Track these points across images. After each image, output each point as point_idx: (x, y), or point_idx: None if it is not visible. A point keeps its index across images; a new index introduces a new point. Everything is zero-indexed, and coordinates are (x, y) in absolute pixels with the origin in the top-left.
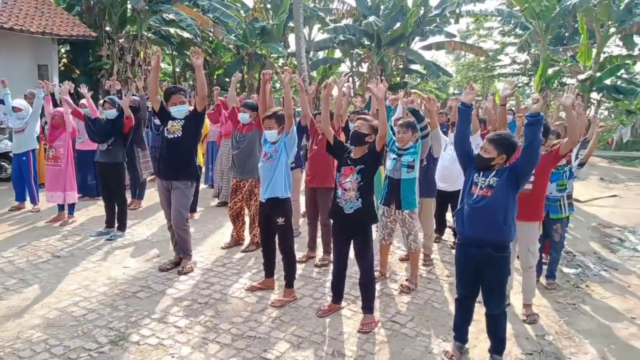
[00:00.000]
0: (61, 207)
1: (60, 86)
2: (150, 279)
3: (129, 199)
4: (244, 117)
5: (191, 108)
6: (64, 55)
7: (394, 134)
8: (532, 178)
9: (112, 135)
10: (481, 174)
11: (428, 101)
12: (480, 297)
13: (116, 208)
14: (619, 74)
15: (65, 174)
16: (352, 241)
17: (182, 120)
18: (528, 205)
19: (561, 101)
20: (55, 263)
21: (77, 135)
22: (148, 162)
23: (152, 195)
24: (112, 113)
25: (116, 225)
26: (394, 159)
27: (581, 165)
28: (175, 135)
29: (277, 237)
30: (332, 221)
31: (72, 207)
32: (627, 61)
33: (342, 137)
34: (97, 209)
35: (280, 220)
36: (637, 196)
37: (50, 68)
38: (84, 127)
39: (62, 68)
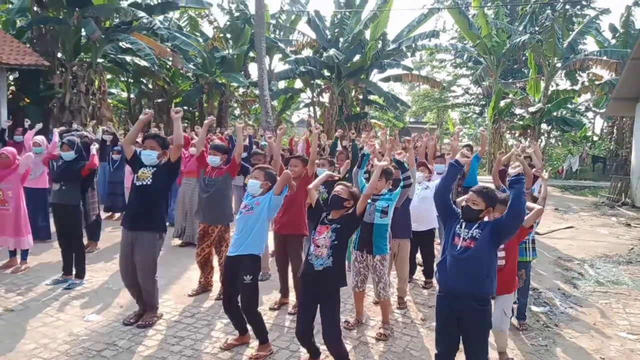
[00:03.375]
0: (12, 253)
1: (7, 119)
2: (114, 335)
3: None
4: (214, 160)
5: (166, 158)
6: (12, 83)
7: (366, 180)
8: (503, 253)
9: (67, 178)
10: (464, 225)
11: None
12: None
13: (73, 254)
14: (565, 106)
15: (16, 217)
16: (318, 304)
17: (154, 168)
18: (503, 279)
19: (527, 151)
20: (8, 318)
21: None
22: (95, 202)
23: (109, 235)
24: (69, 155)
25: (74, 272)
26: (369, 203)
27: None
28: (145, 183)
29: (240, 296)
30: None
31: (25, 252)
32: (571, 95)
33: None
34: (50, 252)
35: (248, 279)
36: (591, 227)
37: None
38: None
39: (10, 96)
